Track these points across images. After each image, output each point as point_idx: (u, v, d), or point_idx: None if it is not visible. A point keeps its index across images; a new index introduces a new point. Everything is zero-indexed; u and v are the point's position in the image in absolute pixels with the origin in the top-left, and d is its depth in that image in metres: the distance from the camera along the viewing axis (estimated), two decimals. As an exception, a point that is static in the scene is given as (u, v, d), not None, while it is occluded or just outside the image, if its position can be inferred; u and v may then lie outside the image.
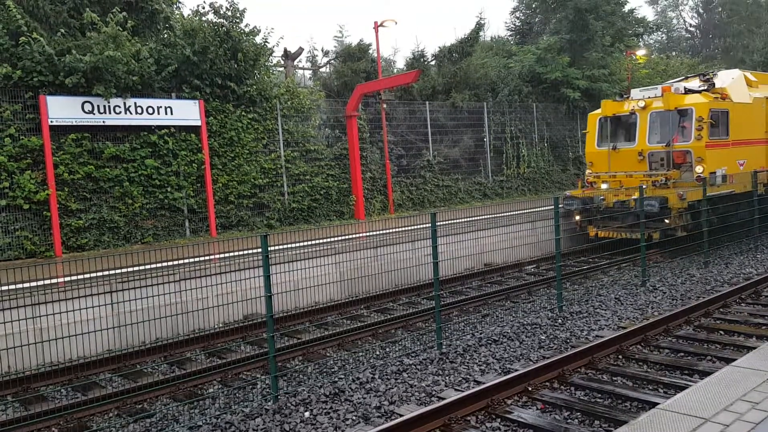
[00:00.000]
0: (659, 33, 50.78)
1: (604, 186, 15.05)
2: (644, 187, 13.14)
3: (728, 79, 15.61)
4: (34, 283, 9.07)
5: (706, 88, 15.02)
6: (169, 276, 9.87)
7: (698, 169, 13.91)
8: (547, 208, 15.75)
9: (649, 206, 12.80)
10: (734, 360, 5.82)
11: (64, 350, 8.49)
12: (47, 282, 9.43)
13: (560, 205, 14.18)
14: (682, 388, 5.95)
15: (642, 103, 14.80)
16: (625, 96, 15.90)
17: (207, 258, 11.45)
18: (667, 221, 13.53)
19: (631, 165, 15.00)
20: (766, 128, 16.06)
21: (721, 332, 8.45)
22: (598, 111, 16.00)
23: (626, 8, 29.39)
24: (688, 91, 14.65)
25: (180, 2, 18.29)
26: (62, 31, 13.68)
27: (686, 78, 17.32)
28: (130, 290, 9.36)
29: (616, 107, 15.60)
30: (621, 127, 15.66)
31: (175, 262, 10.67)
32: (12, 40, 12.96)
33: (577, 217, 15.23)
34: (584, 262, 14.50)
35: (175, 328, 9.57)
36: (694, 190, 13.35)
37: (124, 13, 14.02)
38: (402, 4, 78.44)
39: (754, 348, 6.69)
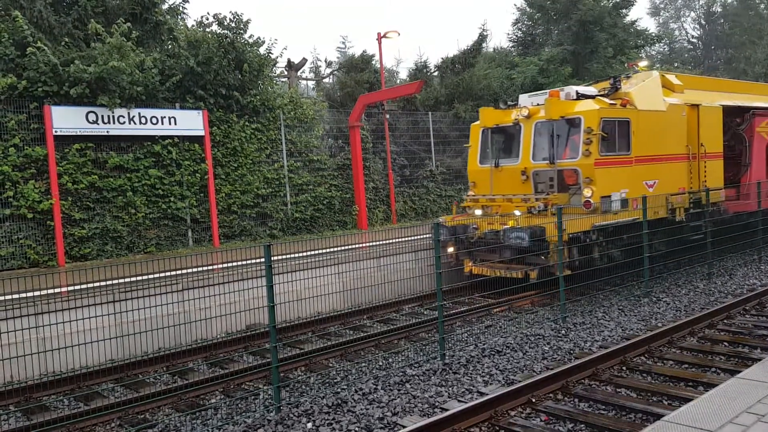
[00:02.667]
0: (661, 44, 50.95)
1: (477, 212, 12.52)
2: (518, 214, 11.47)
3: (638, 82, 12.92)
4: (36, 293, 9.07)
5: (606, 92, 12.41)
6: (171, 286, 9.87)
7: (586, 192, 11.15)
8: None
9: (517, 239, 10.59)
10: (739, 372, 5.80)
11: (66, 360, 8.47)
12: (50, 291, 9.43)
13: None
14: (686, 400, 5.92)
15: (525, 112, 12.12)
16: (510, 103, 13.23)
17: (210, 268, 11.45)
18: (544, 257, 11.01)
19: (514, 186, 12.31)
20: (687, 141, 13.17)
21: (726, 344, 8.41)
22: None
23: (627, 20, 29.52)
24: (580, 96, 11.92)
25: (184, 13, 18.41)
26: (66, 40, 13.77)
27: (596, 82, 14.77)
28: (133, 300, 9.36)
29: (498, 116, 12.84)
30: (505, 141, 12.95)
31: (178, 272, 10.67)
32: (18, 50, 13.05)
33: (450, 249, 12.32)
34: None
35: (178, 338, 9.55)
36: (578, 219, 10.77)
37: (129, 24, 14.12)
38: (404, 14, 79.01)
39: (759, 360, 6.67)
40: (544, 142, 11.94)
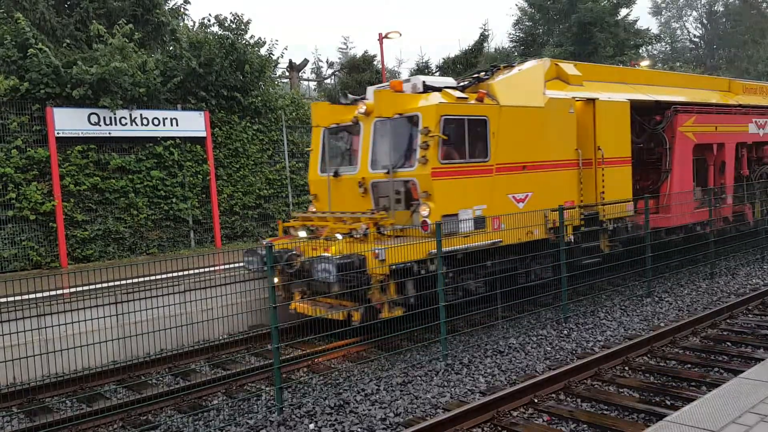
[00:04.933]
0: (663, 44, 50.91)
1: (301, 234, 10.16)
2: (339, 237, 8.96)
3: (513, 72, 10.55)
4: (39, 294, 9.08)
5: (465, 84, 10.17)
6: (173, 287, 9.88)
7: (423, 210, 8.90)
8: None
9: (324, 272, 8.22)
10: (742, 372, 5.79)
11: (69, 361, 8.48)
12: (52, 293, 9.45)
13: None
14: (689, 400, 5.92)
15: (363, 108, 9.76)
16: (356, 97, 10.70)
17: (212, 269, 11.45)
18: (367, 295, 8.58)
19: (354, 201, 9.91)
20: (578, 144, 10.75)
21: (728, 343, 8.40)
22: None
23: (627, 19, 29.52)
24: (428, 89, 9.66)
25: (186, 15, 18.45)
26: (67, 41, 13.79)
27: (477, 73, 11.55)
28: (135, 301, 9.37)
29: (336, 114, 10.49)
30: (347, 144, 10.65)
31: (180, 273, 10.67)
32: (20, 52, 13.07)
33: (276, 279, 8.70)
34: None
35: (180, 340, 9.56)
36: (406, 245, 8.39)
37: (131, 26, 14.14)
38: (406, 14, 79.01)
39: (762, 360, 6.65)
40: (385, 145, 9.64)
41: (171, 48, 16.16)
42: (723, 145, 13.83)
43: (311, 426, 6.39)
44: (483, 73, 10.60)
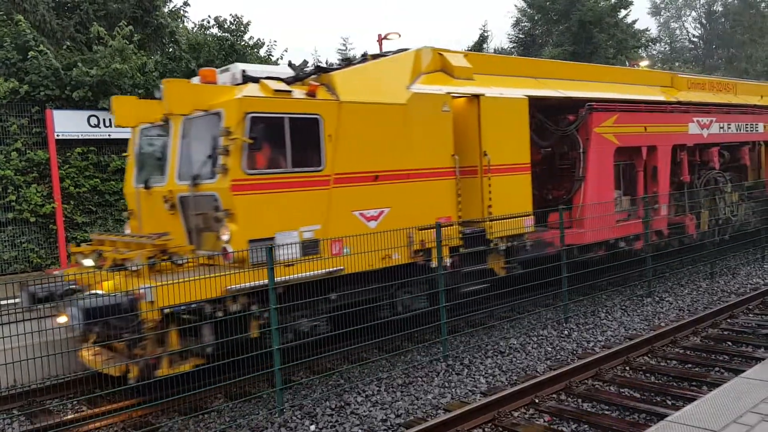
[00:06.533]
0: (663, 44, 50.97)
1: (87, 262, 8.02)
2: (135, 267, 6.81)
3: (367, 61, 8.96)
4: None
5: (302, 75, 8.22)
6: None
7: (223, 234, 7.15)
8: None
9: (73, 319, 6.51)
10: (743, 371, 5.81)
11: (70, 363, 8.47)
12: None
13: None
14: (690, 400, 5.92)
15: None
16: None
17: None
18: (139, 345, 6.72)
19: (165, 220, 8.02)
20: (457, 149, 9.04)
21: (729, 343, 8.41)
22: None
23: (626, 20, 29.55)
24: (247, 79, 7.94)
25: (185, 16, 18.47)
26: (67, 43, 13.82)
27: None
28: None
29: (148, 111, 8.50)
30: (161, 148, 8.54)
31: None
32: (20, 54, 13.08)
33: (63, 319, 7.09)
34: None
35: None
36: (189, 281, 6.44)
37: (130, 27, 14.15)
38: (405, 15, 79.11)
39: (763, 359, 6.66)
40: (190, 150, 7.86)
41: (170, 50, 16.17)
42: (654, 147, 11.99)
43: (312, 427, 6.39)
44: (341, 63, 9.03)
